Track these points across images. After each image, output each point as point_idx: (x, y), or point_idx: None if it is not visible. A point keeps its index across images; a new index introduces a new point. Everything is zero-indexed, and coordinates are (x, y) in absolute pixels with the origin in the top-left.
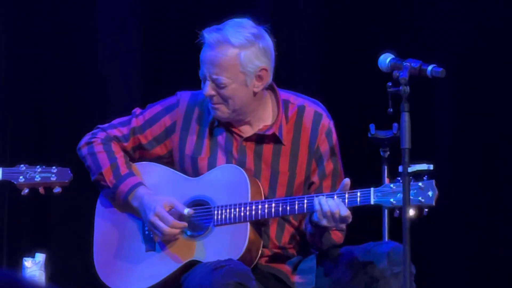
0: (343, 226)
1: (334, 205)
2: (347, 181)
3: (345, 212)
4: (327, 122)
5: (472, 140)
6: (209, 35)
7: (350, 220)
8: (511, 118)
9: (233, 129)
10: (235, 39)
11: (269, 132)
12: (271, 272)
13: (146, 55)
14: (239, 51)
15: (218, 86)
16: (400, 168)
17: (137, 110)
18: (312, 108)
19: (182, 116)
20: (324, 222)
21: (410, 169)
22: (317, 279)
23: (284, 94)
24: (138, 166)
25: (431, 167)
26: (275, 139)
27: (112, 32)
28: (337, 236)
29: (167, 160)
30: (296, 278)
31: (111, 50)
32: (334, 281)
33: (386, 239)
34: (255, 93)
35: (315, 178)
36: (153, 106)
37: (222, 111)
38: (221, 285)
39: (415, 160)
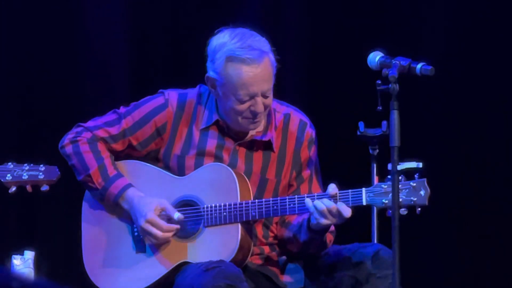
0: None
1: (327, 202)
2: (333, 186)
3: (345, 209)
4: (310, 131)
5: (461, 138)
6: (248, 54)
7: (349, 214)
8: (500, 115)
9: (229, 133)
10: (265, 47)
11: (266, 138)
12: (260, 271)
13: (132, 53)
14: (270, 56)
15: (265, 97)
16: (389, 166)
17: (122, 109)
18: (297, 116)
19: (172, 117)
20: (323, 221)
21: (399, 167)
22: (305, 278)
23: None
24: (123, 165)
25: (420, 165)
26: (266, 146)
27: (98, 30)
28: (329, 239)
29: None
30: (285, 278)
31: (98, 48)
32: (322, 281)
33: (375, 239)
34: None
35: (293, 182)
36: (140, 106)
37: (261, 121)
38: (212, 287)
39: (404, 158)
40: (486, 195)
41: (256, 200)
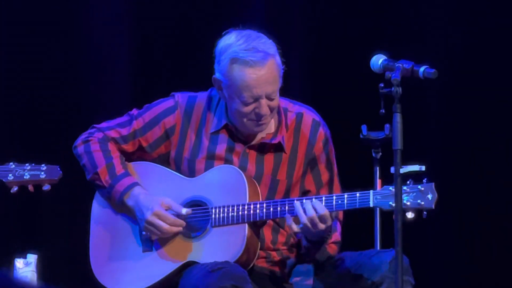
0: (328, 229)
1: (310, 208)
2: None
3: (323, 210)
4: (324, 130)
5: (464, 141)
6: (252, 56)
7: (329, 222)
8: (502, 118)
9: (239, 136)
10: (271, 49)
11: (275, 141)
12: (267, 274)
13: (136, 54)
14: (276, 58)
15: (270, 99)
16: (392, 169)
17: (135, 111)
18: (310, 116)
19: (181, 119)
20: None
21: (402, 170)
22: (315, 281)
23: (282, 101)
24: (134, 166)
25: (423, 168)
26: (277, 148)
27: (102, 30)
28: (333, 249)
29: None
30: (293, 280)
31: (102, 49)
32: (332, 284)
33: (378, 243)
34: None
35: (311, 187)
36: (151, 108)
37: (267, 123)
38: None
39: (407, 161)
40: (488, 198)
41: (264, 201)
